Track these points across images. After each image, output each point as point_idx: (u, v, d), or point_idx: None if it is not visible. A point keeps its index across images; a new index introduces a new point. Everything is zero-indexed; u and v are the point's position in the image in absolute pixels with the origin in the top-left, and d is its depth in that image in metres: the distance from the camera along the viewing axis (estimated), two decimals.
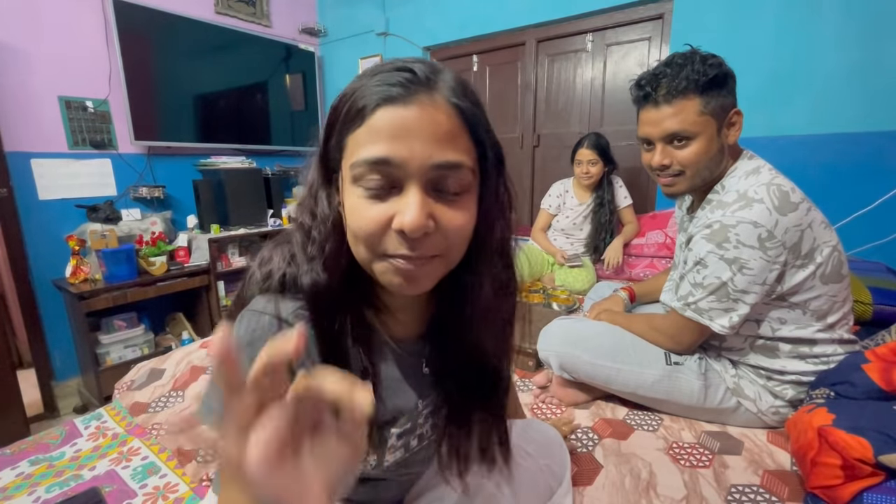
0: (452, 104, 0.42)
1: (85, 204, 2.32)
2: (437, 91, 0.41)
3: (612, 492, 0.82)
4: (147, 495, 0.86)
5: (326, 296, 0.45)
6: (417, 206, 0.40)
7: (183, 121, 2.65)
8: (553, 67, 2.57)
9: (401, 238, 0.41)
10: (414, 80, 0.41)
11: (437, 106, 0.41)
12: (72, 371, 2.36)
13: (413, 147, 0.40)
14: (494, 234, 0.48)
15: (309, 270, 0.46)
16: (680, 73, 0.95)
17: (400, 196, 0.41)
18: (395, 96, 0.40)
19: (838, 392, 0.85)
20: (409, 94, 0.40)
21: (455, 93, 0.42)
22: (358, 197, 0.42)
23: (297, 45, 3.15)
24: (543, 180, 2.64)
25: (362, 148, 0.41)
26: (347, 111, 0.42)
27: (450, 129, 0.41)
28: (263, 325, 0.45)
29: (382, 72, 0.42)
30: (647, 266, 2.14)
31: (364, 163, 0.40)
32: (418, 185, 0.40)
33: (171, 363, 1.35)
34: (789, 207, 0.90)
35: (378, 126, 0.40)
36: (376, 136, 0.40)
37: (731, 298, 0.93)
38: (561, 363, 1.13)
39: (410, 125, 0.40)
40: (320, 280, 0.45)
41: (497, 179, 0.48)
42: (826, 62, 1.74)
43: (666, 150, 1.00)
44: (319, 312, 0.46)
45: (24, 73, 2.11)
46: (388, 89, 0.40)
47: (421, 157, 0.40)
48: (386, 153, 0.40)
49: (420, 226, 0.39)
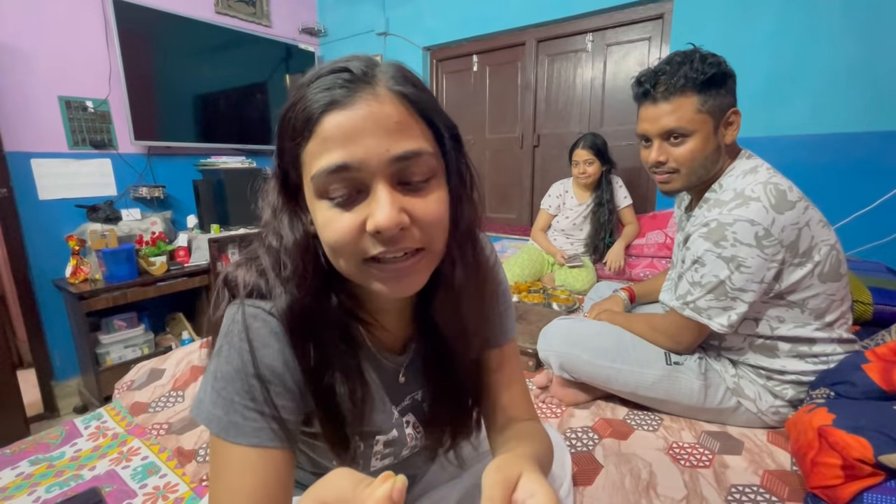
0: (396, 93, 0.40)
1: (85, 204, 2.32)
2: (378, 84, 0.40)
3: (612, 492, 0.82)
4: (147, 495, 0.86)
5: (303, 313, 0.45)
6: (388, 203, 0.39)
7: (183, 121, 2.65)
8: (553, 67, 2.57)
9: (378, 240, 0.40)
10: (352, 78, 0.40)
11: (381, 99, 0.39)
12: (72, 371, 2.36)
13: (368, 146, 0.38)
14: (465, 216, 0.47)
15: (283, 292, 0.44)
16: (679, 70, 0.95)
17: (368, 199, 0.40)
18: (338, 99, 0.39)
19: (838, 392, 0.85)
20: (351, 94, 0.39)
21: (396, 81, 0.41)
22: (326, 209, 0.41)
23: (297, 45, 3.15)
24: (543, 180, 2.64)
25: (318, 159, 0.39)
26: (294, 126, 0.40)
27: (399, 119, 0.40)
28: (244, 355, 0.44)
29: (319, 76, 0.41)
30: (647, 266, 2.14)
31: (323, 173, 0.39)
32: (384, 182, 0.39)
33: (171, 363, 1.35)
34: (786, 206, 0.90)
35: (327, 134, 0.39)
36: (329, 144, 0.39)
37: (730, 297, 0.93)
38: (561, 363, 1.13)
39: (360, 125, 0.38)
40: (296, 299, 0.44)
41: (458, 158, 0.46)
42: (826, 62, 1.74)
43: (663, 146, 1.01)
44: (298, 329, 0.45)
45: (24, 73, 2.11)
46: (328, 94, 0.39)
47: (378, 153, 0.39)
48: (342, 159, 0.38)
49: (394, 222, 0.39)
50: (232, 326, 0.45)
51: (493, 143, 2.89)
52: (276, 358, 0.44)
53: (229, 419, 0.43)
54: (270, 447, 0.43)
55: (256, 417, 0.43)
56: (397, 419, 0.56)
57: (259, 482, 0.43)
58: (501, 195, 2.92)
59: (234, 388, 0.43)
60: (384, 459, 0.55)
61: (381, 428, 0.54)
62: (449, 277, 0.48)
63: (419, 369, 0.57)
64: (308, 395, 0.47)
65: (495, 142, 2.88)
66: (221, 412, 0.43)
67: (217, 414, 0.43)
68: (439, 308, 0.50)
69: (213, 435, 0.44)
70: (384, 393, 0.54)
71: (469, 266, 0.50)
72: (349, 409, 0.48)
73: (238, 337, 0.44)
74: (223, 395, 0.43)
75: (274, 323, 0.45)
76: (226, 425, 0.43)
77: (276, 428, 0.44)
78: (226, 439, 0.43)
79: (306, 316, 0.45)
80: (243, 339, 0.44)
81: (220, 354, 0.45)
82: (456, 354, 0.53)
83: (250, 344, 0.43)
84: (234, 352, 0.44)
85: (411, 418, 0.57)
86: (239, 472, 0.43)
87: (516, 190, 2.85)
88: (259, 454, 0.43)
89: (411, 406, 0.57)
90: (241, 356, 0.43)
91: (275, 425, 0.44)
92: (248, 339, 0.44)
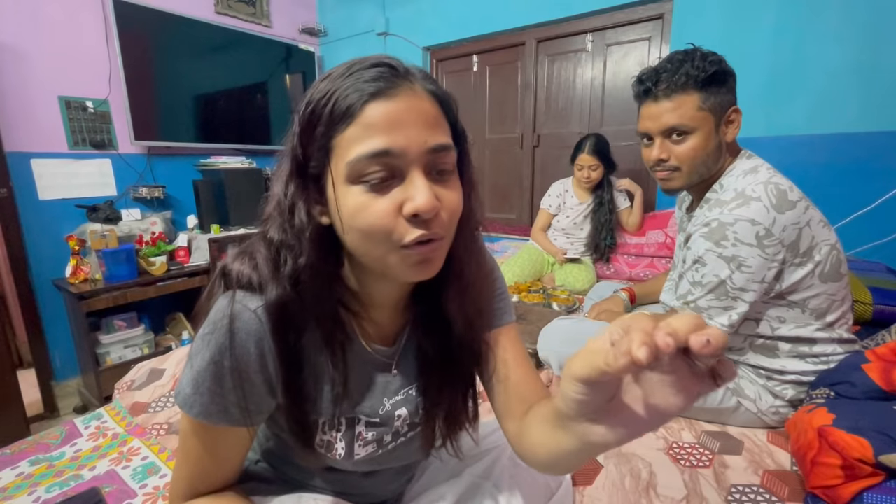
0: (430, 91, 0.45)
1: (85, 204, 2.32)
2: (416, 81, 0.44)
3: (612, 492, 0.82)
4: (147, 495, 0.86)
5: (294, 308, 0.47)
6: (426, 188, 0.42)
7: (183, 121, 2.65)
8: (553, 67, 2.57)
9: (414, 223, 0.42)
10: (394, 73, 0.43)
11: (418, 95, 0.43)
12: (72, 371, 2.36)
13: (409, 135, 0.42)
14: (474, 212, 0.51)
15: (275, 286, 0.46)
16: (680, 68, 0.96)
17: (403, 184, 0.42)
18: (382, 90, 0.42)
19: (838, 392, 0.85)
20: (394, 87, 0.42)
21: (428, 81, 0.45)
22: (360, 194, 0.42)
23: (297, 45, 3.15)
24: (543, 180, 2.64)
25: (358, 144, 0.41)
26: (331, 113, 0.42)
27: (435, 115, 0.44)
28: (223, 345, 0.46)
29: (358, 69, 0.43)
30: (647, 266, 2.14)
31: (364, 157, 0.41)
32: (420, 170, 0.42)
33: (171, 363, 1.35)
34: (787, 205, 0.90)
35: (371, 121, 0.41)
36: (371, 131, 0.41)
37: (730, 297, 0.93)
38: (561, 363, 1.13)
39: (402, 115, 0.42)
40: (288, 294, 0.46)
41: (470, 161, 0.51)
42: (826, 62, 1.74)
43: (664, 144, 1.01)
44: (284, 322, 0.47)
45: (24, 73, 2.11)
46: (373, 85, 0.42)
47: (417, 143, 0.42)
48: (386, 145, 0.41)
49: (433, 205, 0.42)
50: (217, 316, 0.47)
51: (493, 143, 2.89)
52: (254, 353, 0.47)
53: (195, 399, 0.47)
54: (225, 426, 0.48)
55: (219, 402, 0.47)
56: (388, 411, 0.57)
57: (209, 451, 0.50)
58: (501, 195, 2.92)
59: (208, 374, 0.46)
60: (367, 447, 0.56)
61: (370, 408, 0.55)
62: (461, 270, 0.52)
63: (413, 362, 0.58)
64: (280, 388, 0.49)
65: (495, 142, 2.88)
66: (190, 391, 0.47)
67: (186, 391, 0.47)
68: (451, 299, 0.53)
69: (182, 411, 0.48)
70: (373, 385, 0.56)
71: (475, 259, 0.53)
72: (330, 399, 0.51)
73: (221, 329, 0.46)
74: (198, 378, 0.47)
75: (256, 322, 0.47)
76: (191, 402, 0.47)
77: (234, 412, 0.48)
78: (188, 413, 0.48)
79: (296, 310, 0.47)
80: (225, 333, 0.46)
81: (202, 340, 0.47)
82: (462, 344, 0.55)
83: (232, 336, 0.46)
84: (218, 343, 0.46)
85: (404, 412, 0.58)
86: (193, 440, 0.50)
87: (516, 190, 2.85)
88: (218, 429, 0.48)
89: (405, 399, 0.58)
90: (220, 347, 0.46)
91: (235, 410, 0.48)
92: (230, 332, 0.46)
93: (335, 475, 0.60)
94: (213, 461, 0.52)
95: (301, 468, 0.60)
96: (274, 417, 0.54)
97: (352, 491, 0.62)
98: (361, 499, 0.63)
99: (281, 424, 0.53)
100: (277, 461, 0.62)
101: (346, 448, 0.54)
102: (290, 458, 0.60)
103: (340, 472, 0.60)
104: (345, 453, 0.54)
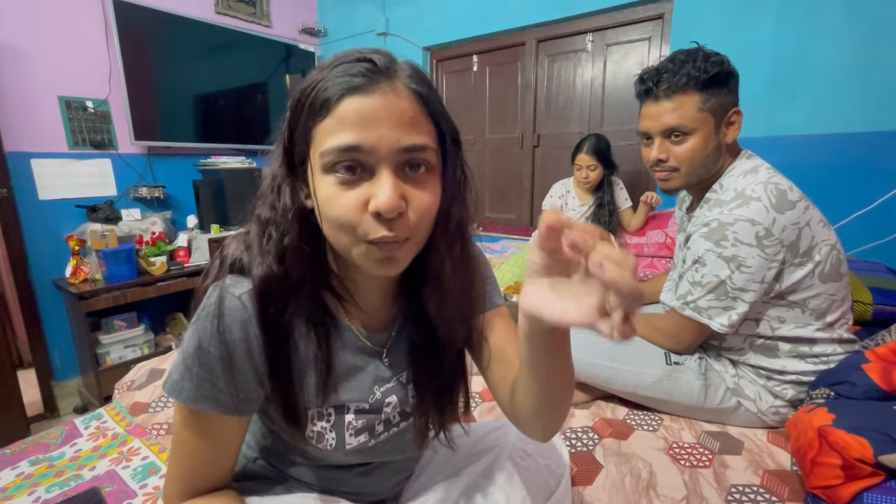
0: (412, 90, 0.44)
1: (85, 204, 2.32)
2: (397, 79, 0.44)
3: (612, 492, 0.82)
4: (147, 495, 0.85)
5: (277, 285, 0.48)
6: (391, 188, 0.42)
7: (183, 121, 2.65)
8: (553, 67, 2.57)
9: (377, 220, 0.43)
10: (375, 69, 0.43)
11: (398, 93, 0.43)
12: (72, 371, 2.36)
13: (380, 133, 0.42)
14: (454, 213, 0.51)
15: (261, 262, 0.48)
16: (681, 69, 0.95)
17: (372, 181, 0.43)
18: (359, 86, 0.42)
19: (838, 392, 0.85)
20: (372, 84, 0.42)
21: (413, 79, 0.45)
22: (331, 185, 0.43)
23: (297, 45, 3.15)
24: (543, 180, 2.64)
25: (331, 137, 0.42)
26: (311, 103, 0.43)
27: (412, 115, 0.44)
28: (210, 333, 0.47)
29: (343, 62, 0.43)
30: (648, 266, 2.14)
31: (334, 150, 0.42)
32: (389, 168, 0.43)
33: (170, 363, 1.35)
34: (787, 205, 0.90)
35: (344, 115, 0.42)
36: (344, 125, 0.42)
37: (730, 297, 0.93)
38: None
39: (376, 113, 0.42)
40: (272, 271, 0.47)
41: (455, 160, 0.50)
42: (826, 62, 1.74)
43: (664, 144, 1.01)
44: (269, 301, 0.48)
45: (24, 73, 2.12)
46: (350, 80, 0.42)
47: (388, 141, 0.42)
48: (355, 140, 0.41)
49: (394, 206, 0.42)
50: (207, 303, 0.48)
51: (493, 143, 2.89)
52: (239, 338, 0.47)
53: (183, 384, 0.47)
54: (214, 413, 0.48)
55: (208, 388, 0.47)
56: (378, 398, 0.57)
57: (202, 442, 0.50)
58: (501, 195, 2.92)
59: (197, 360, 0.47)
60: (359, 436, 0.56)
61: (359, 395, 0.56)
62: (438, 272, 0.52)
63: (405, 351, 0.59)
64: (266, 374, 0.50)
65: (495, 142, 2.88)
66: (178, 376, 0.48)
67: (174, 377, 0.48)
68: (428, 299, 0.54)
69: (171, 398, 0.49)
70: (363, 371, 0.56)
71: (456, 261, 0.53)
72: (317, 385, 0.51)
73: (207, 316, 0.47)
74: (186, 363, 0.47)
75: (240, 308, 0.48)
76: (179, 388, 0.48)
77: (223, 399, 0.48)
78: (177, 399, 0.48)
79: (281, 283, 0.48)
80: (211, 319, 0.47)
81: (193, 326, 0.48)
82: (442, 341, 0.56)
83: (218, 322, 0.47)
84: (204, 328, 0.47)
85: (394, 399, 0.58)
86: (186, 433, 0.50)
87: (516, 190, 2.85)
88: (209, 417, 0.49)
89: (395, 387, 0.59)
90: (206, 333, 0.47)
91: (224, 398, 0.48)
92: (216, 318, 0.47)
93: (333, 473, 0.60)
94: (206, 455, 0.52)
95: (299, 466, 0.60)
96: (266, 410, 0.54)
97: (350, 489, 0.62)
98: (360, 497, 0.63)
99: (272, 416, 0.53)
100: (275, 459, 0.62)
101: (336, 438, 0.55)
102: (287, 455, 0.60)
103: (338, 469, 0.60)
104: (336, 443, 0.55)
